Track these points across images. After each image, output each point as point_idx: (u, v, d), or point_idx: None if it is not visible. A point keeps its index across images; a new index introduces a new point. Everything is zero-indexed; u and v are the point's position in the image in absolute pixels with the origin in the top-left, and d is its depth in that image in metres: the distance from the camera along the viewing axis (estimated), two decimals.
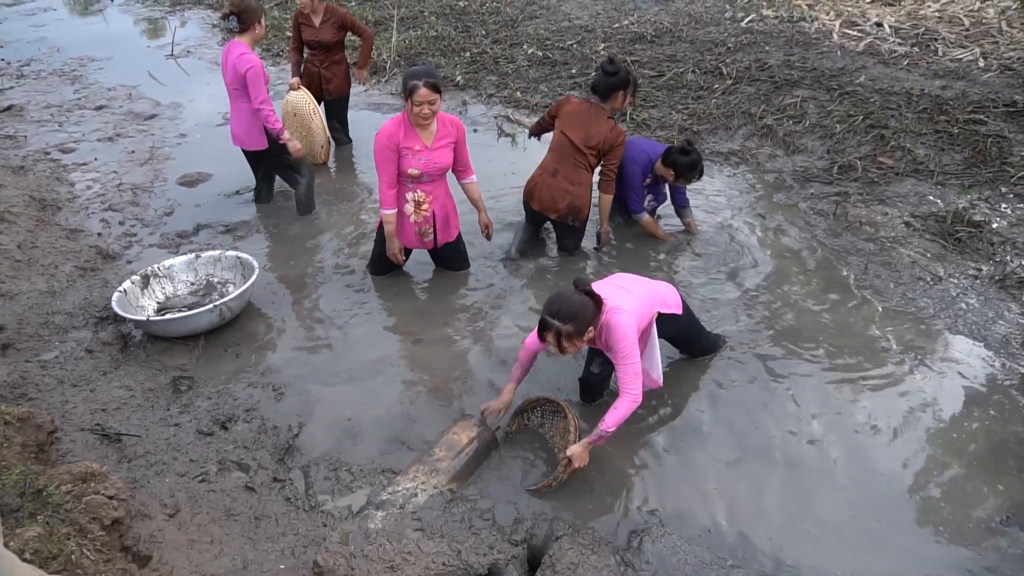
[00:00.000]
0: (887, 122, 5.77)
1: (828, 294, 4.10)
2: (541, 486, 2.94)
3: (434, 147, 3.84)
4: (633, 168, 4.39)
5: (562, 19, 9.03)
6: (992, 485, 2.95)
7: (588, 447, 2.91)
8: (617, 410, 2.85)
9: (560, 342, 2.79)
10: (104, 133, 6.63)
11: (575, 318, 2.75)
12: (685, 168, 4.28)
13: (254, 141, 4.89)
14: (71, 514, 2.43)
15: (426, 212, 4.02)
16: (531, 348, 3.13)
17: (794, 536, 2.77)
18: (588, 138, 4.19)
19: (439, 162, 3.88)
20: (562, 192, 4.27)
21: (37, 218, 5.00)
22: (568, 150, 4.24)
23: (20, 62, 8.83)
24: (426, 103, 3.61)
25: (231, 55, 4.63)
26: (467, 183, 4.12)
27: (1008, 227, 4.56)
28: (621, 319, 2.87)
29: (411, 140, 3.79)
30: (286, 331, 3.99)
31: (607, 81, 4.15)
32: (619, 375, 2.91)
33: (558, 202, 4.29)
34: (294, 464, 3.14)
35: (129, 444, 3.19)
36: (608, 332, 2.89)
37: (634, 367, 2.87)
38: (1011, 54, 6.69)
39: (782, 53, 7.26)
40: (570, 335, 2.77)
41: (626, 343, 2.86)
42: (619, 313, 2.88)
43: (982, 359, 3.59)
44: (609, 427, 2.85)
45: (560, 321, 2.75)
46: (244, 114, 4.79)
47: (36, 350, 3.75)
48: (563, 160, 4.27)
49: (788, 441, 3.17)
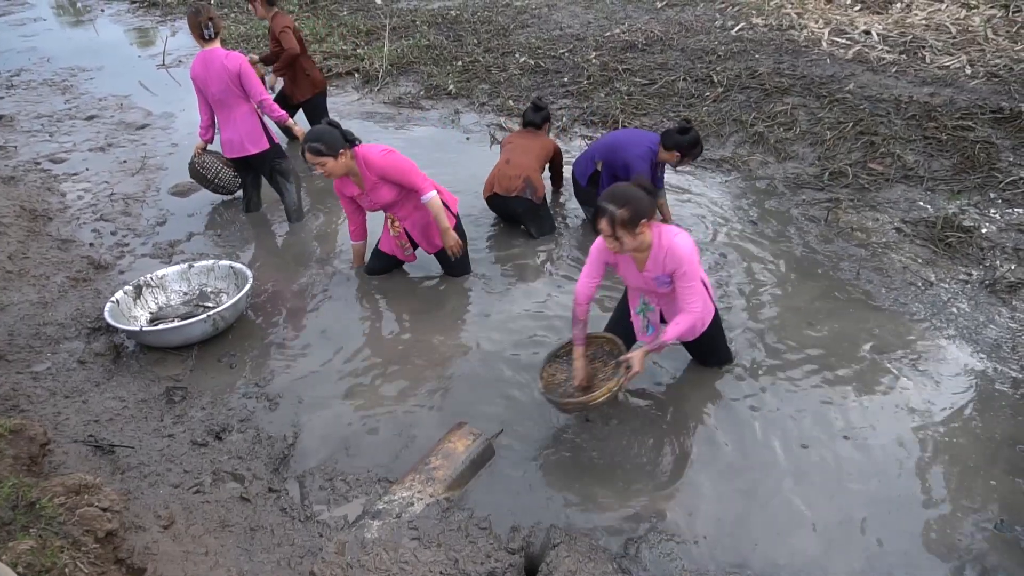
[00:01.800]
0: (877, 129, 5.82)
1: (820, 299, 4.12)
2: (601, 393, 2.95)
3: (368, 189, 4.02)
4: (641, 164, 4.43)
5: (553, 28, 9.08)
6: (986, 488, 2.96)
7: (646, 355, 2.98)
8: (679, 324, 2.95)
9: (615, 229, 2.80)
10: (95, 143, 6.62)
11: (629, 203, 2.77)
12: (689, 146, 4.35)
13: (256, 142, 4.84)
14: (64, 527, 2.41)
15: (399, 230, 4.24)
16: (585, 294, 3.13)
17: (790, 542, 2.77)
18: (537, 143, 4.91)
19: (380, 200, 4.08)
20: (516, 172, 4.73)
21: (28, 228, 4.97)
22: (517, 149, 4.87)
23: (10, 72, 8.81)
24: (316, 164, 3.80)
25: (214, 61, 4.60)
26: (423, 202, 4.07)
27: (997, 232, 4.61)
28: (682, 240, 2.93)
29: (350, 188, 4.09)
30: (280, 340, 3.97)
31: (541, 115, 4.97)
32: (681, 294, 2.97)
33: (514, 181, 4.71)
34: (289, 474, 3.12)
35: (123, 455, 3.16)
36: (670, 253, 2.93)
37: (697, 286, 2.96)
38: (997, 61, 6.77)
39: (772, 61, 7.32)
40: (624, 222, 2.79)
41: (689, 263, 2.92)
42: (679, 234, 2.94)
43: (974, 363, 3.62)
44: (670, 338, 2.97)
45: (615, 205, 2.77)
46: (242, 117, 4.76)
47: (28, 361, 3.72)
48: (513, 153, 4.85)
49: (782, 447, 3.18)
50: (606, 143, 4.63)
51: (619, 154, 4.51)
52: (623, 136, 4.62)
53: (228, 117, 4.78)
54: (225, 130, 4.85)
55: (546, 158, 4.99)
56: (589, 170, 4.69)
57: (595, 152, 4.67)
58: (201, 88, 4.73)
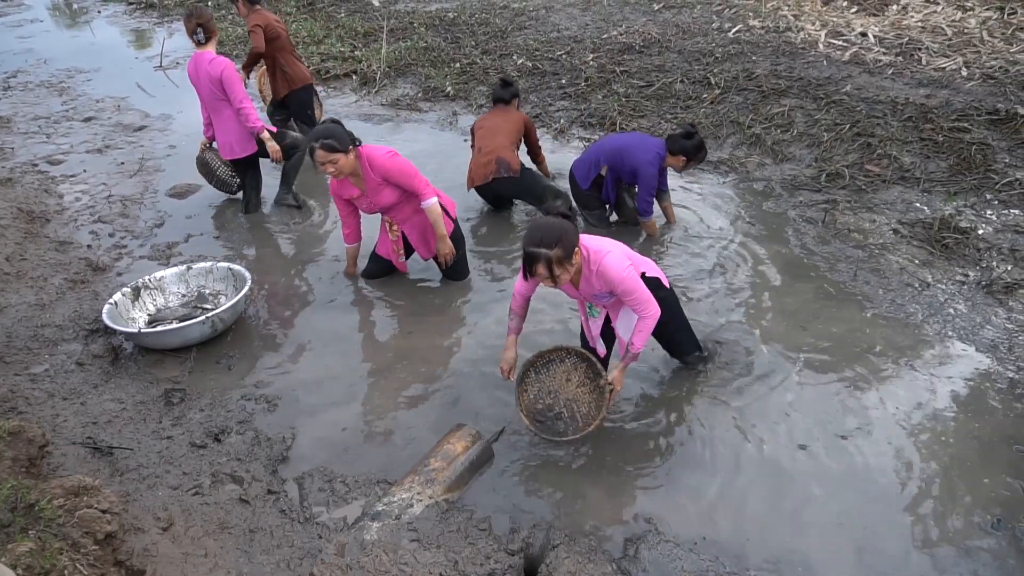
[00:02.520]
0: (873, 130, 5.84)
1: (817, 300, 4.13)
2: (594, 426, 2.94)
3: (370, 191, 3.99)
4: (650, 170, 4.46)
5: (551, 30, 9.09)
6: (982, 488, 2.97)
7: (624, 371, 2.97)
8: (642, 331, 2.91)
9: (552, 269, 2.70)
10: (93, 145, 6.61)
11: (560, 240, 2.66)
12: (694, 151, 4.40)
13: (244, 146, 4.90)
14: (63, 528, 2.40)
15: (396, 235, 4.24)
16: (523, 293, 3.09)
17: (788, 542, 2.78)
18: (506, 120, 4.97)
19: (380, 203, 4.04)
20: (487, 157, 4.85)
21: (25, 230, 4.96)
22: (486, 134, 4.96)
23: (7, 74, 8.80)
24: (328, 163, 3.75)
25: (201, 65, 4.68)
26: (423, 207, 4.07)
27: (993, 233, 4.63)
28: (610, 260, 2.85)
29: (348, 190, 4.03)
30: (279, 342, 3.97)
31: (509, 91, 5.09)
32: (630, 306, 2.93)
33: (488, 167, 4.82)
34: (288, 476, 3.12)
35: (121, 457, 3.16)
36: (600, 275, 2.86)
37: (641, 295, 2.89)
38: (993, 63, 6.80)
39: (769, 63, 7.34)
40: (560, 259, 2.68)
41: (623, 281, 2.85)
42: (607, 254, 2.85)
43: (971, 364, 3.63)
44: (639, 347, 2.94)
45: (547, 248, 2.65)
46: (230, 121, 4.81)
47: (26, 363, 3.71)
48: (483, 139, 4.97)
49: (780, 448, 3.19)
50: (611, 147, 4.63)
51: (626, 160, 4.52)
52: (629, 141, 4.61)
53: (218, 120, 4.86)
54: (218, 132, 4.93)
55: (517, 134, 5.00)
56: (592, 174, 4.69)
57: (599, 156, 4.67)
58: (195, 89, 4.82)
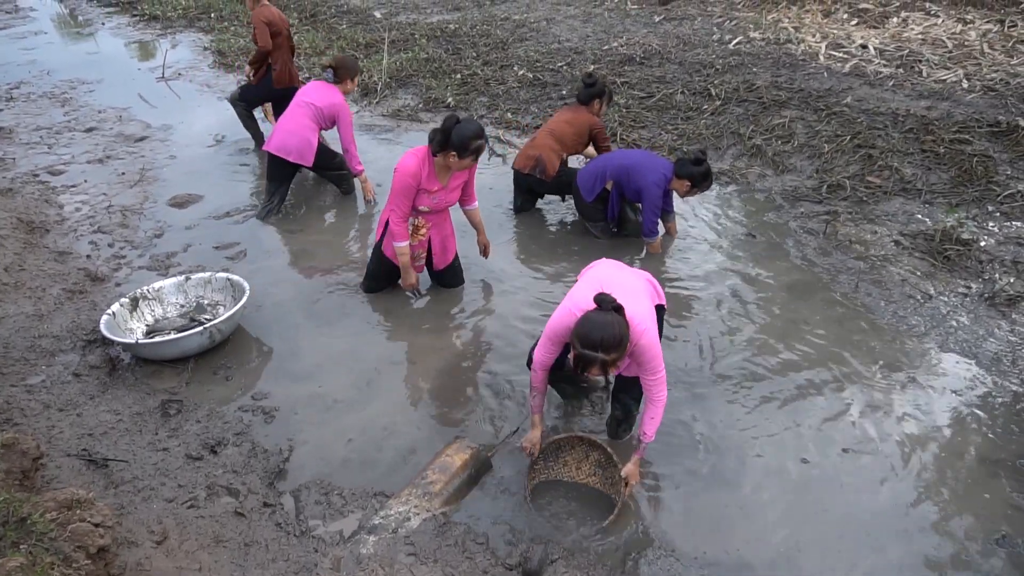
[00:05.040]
0: (874, 142, 5.83)
1: (818, 312, 4.11)
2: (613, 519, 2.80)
3: (449, 188, 3.94)
4: (656, 191, 4.47)
5: (552, 41, 9.12)
6: (986, 504, 2.94)
7: (639, 462, 2.92)
8: (655, 419, 2.85)
9: (606, 371, 2.59)
10: (94, 155, 6.61)
11: (619, 345, 2.53)
12: (701, 179, 4.39)
13: (301, 155, 5.18)
14: (56, 543, 2.37)
15: (422, 237, 4.11)
16: (545, 366, 2.95)
17: (789, 557, 2.74)
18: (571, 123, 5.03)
19: (450, 201, 4.03)
20: (534, 150, 5.02)
21: (25, 240, 4.95)
22: (548, 126, 5.11)
23: (10, 85, 8.82)
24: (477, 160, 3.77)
25: (322, 90, 5.14)
26: (469, 209, 4.21)
27: (996, 245, 4.60)
28: (650, 338, 2.75)
29: (431, 182, 3.87)
30: (277, 353, 3.95)
31: (587, 91, 5.04)
32: (649, 386, 2.84)
33: (529, 160, 5.01)
34: (284, 488, 3.09)
35: (116, 469, 3.13)
36: (640, 353, 2.77)
37: (663, 377, 2.82)
38: (993, 75, 6.80)
39: (770, 74, 7.35)
40: (615, 361, 2.57)
41: (657, 359, 2.78)
42: (646, 333, 2.74)
43: (974, 377, 3.60)
44: (652, 437, 2.87)
45: (605, 352, 2.52)
46: (305, 129, 5.13)
47: (22, 374, 3.69)
48: (543, 129, 5.12)
49: (781, 461, 3.16)
50: (619, 164, 4.63)
51: (633, 178, 4.53)
52: (637, 159, 4.61)
53: (293, 124, 5.15)
54: (285, 133, 5.16)
55: (575, 138, 5.04)
56: (598, 187, 4.69)
57: (606, 171, 4.67)
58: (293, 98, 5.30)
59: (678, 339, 3.93)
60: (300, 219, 5.39)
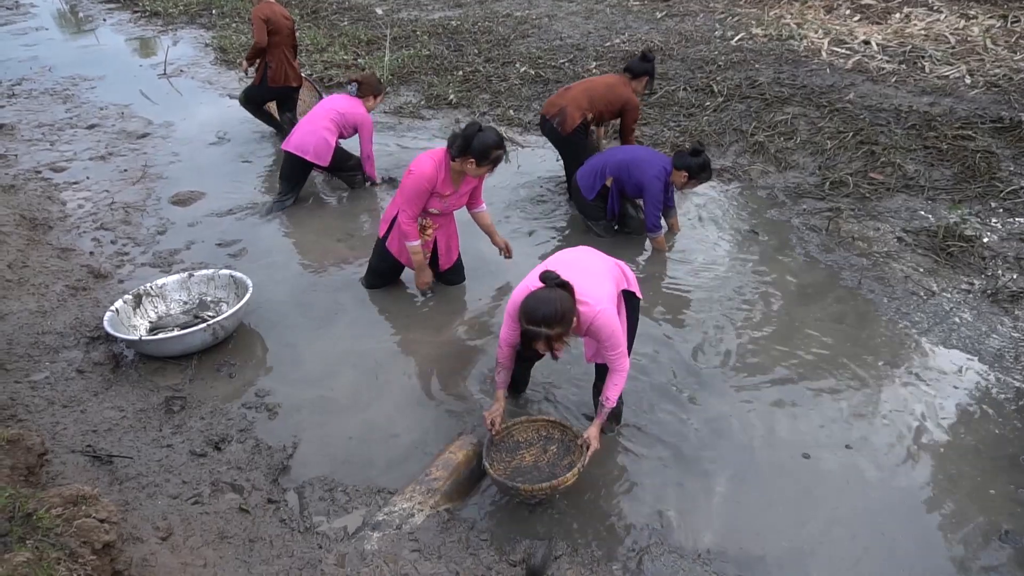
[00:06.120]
0: (877, 138, 5.83)
1: (821, 309, 4.11)
2: (566, 479, 2.76)
3: (459, 193, 3.96)
4: (656, 185, 4.46)
5: (554, 38, 9.11)
6: (989, 500, 2.94)
7: (600, 427, 2.96)
8: (617, 386, 2.92)
9: (552, 346, 2.68)
10: (96, 152, 6.61)
11: (562, 320, 2.60)
12: (698, 169, 4.38)
13: (318, 155, 5.23)
14: (61, 538, 2.38)
15: (428, 237, 4.14)
16: (510, 343, 3.01)
17: (793, 554, 2.75)
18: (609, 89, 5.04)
19: (459, 205, 4.06)
20: (562, 100, 5.07)
21: (28, 237, 4.96)
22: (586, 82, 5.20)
23: (11, 81, 8.82)
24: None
25: (347, 102, 5.22)
26: (477, 212, 4.20)
27: (999, 241, 4.60)
28: (606, 317, 2.79)
29: (445, 187, 3.87)
30: (280, 350, 3.96)
31: (642, 64, 5.08)
32: (611, 360, 2.90)
33: (554, 106, 5.08)
34: (289, 485, 3.10)
35: (121, 466, 3.14)
36: (596, 331, 2.83)
37: (623, 352, 2.90)
38: (996, 71, 6.79)
39: (772, 71, 7.34)
40: (560, 335, 2.65)
41: (615, 336, 2.83)
42: (602, 313, 2.78)
43: (976, 373, 3.60)
44: (613, 402, 2.94)
45: (548, 327, 2.59)
46: (324, 131, 5.18)
47: (26, 371, 3.70)
48: (576, 85, 5.19)
49: (784, 458, 3.16)
50: (618, 161, 4.63)
51: (633, 174, 4.52)
52: (636, 155, 4.62)
53: (312, 125, 5.20)
54: (305, 133, 5.21)
55: (604, 102, 5.04)
56: (598, 185, 4.69)
57: (605, 168, 4.67)
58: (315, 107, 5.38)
59: (680, 337, 3.93)
60: (302, 216, 5.39)
